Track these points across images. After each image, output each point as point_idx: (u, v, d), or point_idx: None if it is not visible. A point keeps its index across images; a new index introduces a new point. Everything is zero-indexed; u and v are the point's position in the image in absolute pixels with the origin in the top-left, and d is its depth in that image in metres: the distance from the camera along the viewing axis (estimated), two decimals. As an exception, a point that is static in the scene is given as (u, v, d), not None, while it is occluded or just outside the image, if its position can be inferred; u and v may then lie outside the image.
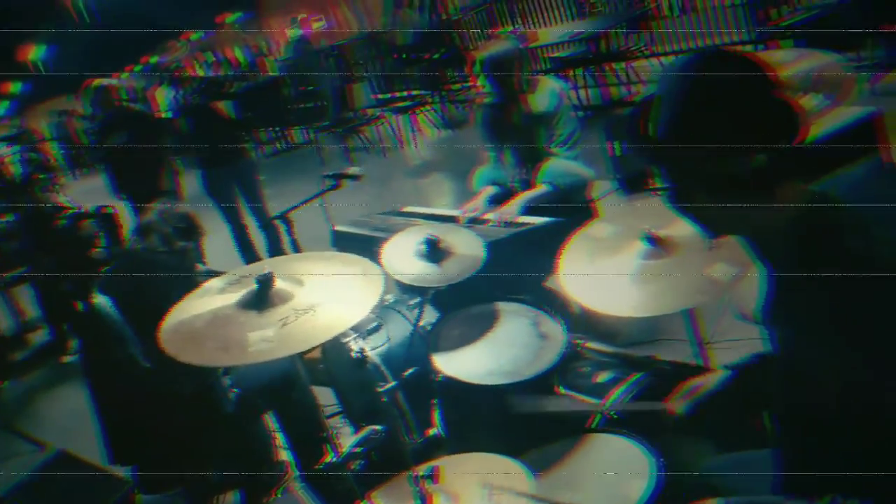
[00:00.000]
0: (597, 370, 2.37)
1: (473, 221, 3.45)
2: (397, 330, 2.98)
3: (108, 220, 6.82)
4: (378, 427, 2.39)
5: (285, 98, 12.08)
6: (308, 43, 11.95)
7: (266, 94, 12.07)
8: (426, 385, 2.45)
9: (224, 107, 6.25)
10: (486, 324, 2.38)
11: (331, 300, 1.87)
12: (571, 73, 8.56)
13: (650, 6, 8.44)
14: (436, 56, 10.24)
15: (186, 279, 2.99)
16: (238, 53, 21.70)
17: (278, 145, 12.60)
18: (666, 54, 8.38)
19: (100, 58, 18.02)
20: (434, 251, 2.51)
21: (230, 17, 21.43)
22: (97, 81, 6.34)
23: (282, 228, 3.53)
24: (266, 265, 2.01)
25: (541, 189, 3.43)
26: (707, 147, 1.25)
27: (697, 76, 1.30)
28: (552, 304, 2.45)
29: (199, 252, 3.15)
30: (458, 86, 10.36)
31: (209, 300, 1.94)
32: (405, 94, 10.54)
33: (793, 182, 1.29)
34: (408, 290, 3.10)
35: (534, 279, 2.82)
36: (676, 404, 1.66)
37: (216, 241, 6.92)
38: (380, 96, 11.01)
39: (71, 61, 15.64)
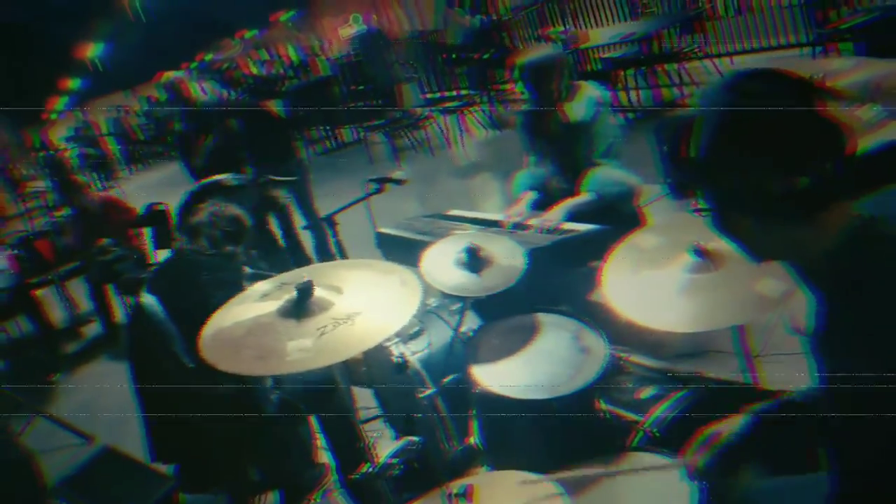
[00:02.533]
0: (640, 385, 2.31)
1: (518, 227, 3.42)
2: (439, 335, 2.96)
3: (159, 216, 6.98)
4: (415, 438, 2.37)
5: (336, 97, 12.17)
6: (374, 37, 11.99)
7: (317, 92, 12.18)
8: (465, 394, 2.42)
9: (274, 106, 6.31)
10: (525, 335, 2.34)
11: (369, 309, 1.86)
12: (622, 74, 8.46)
13: (705, 7, 8.28)
14: (485, 56, 10.21)
15: (232, 282, 3.03)
16: (291, 52, 22.00)
17: (328, 144, 12.70)
18: (720, 56, 8.22)
19: (155, 55, 18.41)
20: (474, 260, 2.48)
21: (284, 16, 21.72)
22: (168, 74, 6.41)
23: (328, 230, 3.58)
24: (306, 273, 2.00)
25: (585, 197, 3.38)
26: (747, 169, 1.21)
27: (738, 95, 1.26)
28: (594, 315, 2.41)
29: (247, 255, 3.17)
30: (506, 86, 10.31)
31: (250, 307, 1.95)
32: (454, 94, 10.53)
33: (840, 204, 1.24)
34: (450, 295, 3.08)
35: (576, 289, 2.77)
36: (695, 458, 1.60)
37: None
38: (429, 96, 11.02)
39: (127, 59, 15.99)
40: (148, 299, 2.93)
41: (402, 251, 3.69)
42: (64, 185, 7.02)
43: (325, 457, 3.37)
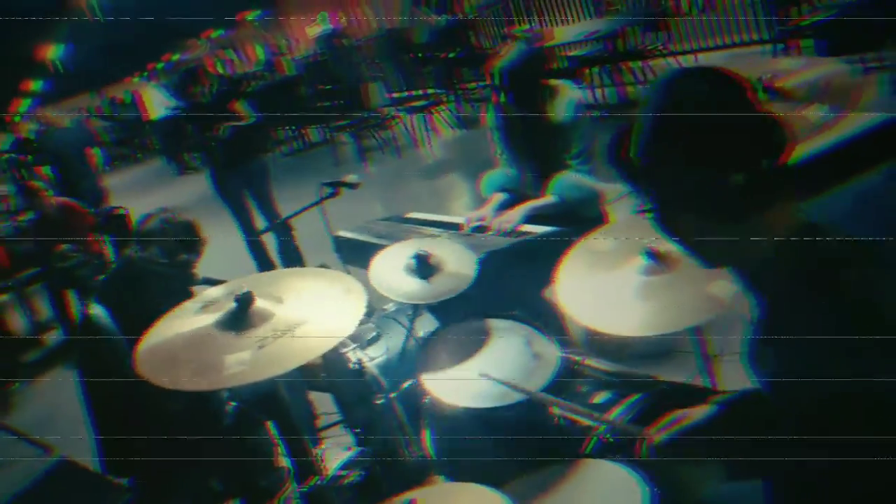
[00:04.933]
0: (594, 390, 2.29)
1: (478, 230, 3.38)
2: (396, 340, 2.92)
3: (118, 221, 6.86)
4: (366, 449, 2.33)
5: (303, 96, 12.06)
6: (340, 37, 11.88)
7: (283, 92, 12.07)
8: (418, 402, 2.38)
9: (240, 107, 6.20)
10: (476, 342, 2.30)
11: (311, 320, 1.81)
12: (588, 71, 8.46)
13: (668, 4, 8.30)
14: (451, 55, 10.18)
15: (184, 291, 2.96)
16: (259, 51, 21.77)
17: (295, 144, 12.60)
18: (684, 53, 8.25)
19: (119, 56, 18.13)
20: (423, 267, 2.43)
21: (250, 15, 21.47)
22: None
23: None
24: (246, 282, 1.94)
25: (547, 199, 3.34)
26: (682, 167, 1.19)
27: (674, 94, 1.25)
28: (549, 319, 2.38)
29: (196, 261, 3.10)
30: (473, 85, 10.27)
31: (188, 319, 1.88)
32: (420, 93, 10.47)
33: (781, 207, 1.21)
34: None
35: (531, 292, 2.74)
36: (657, 433, 1.58)
37: (228, 245, 6.94)
38: (395, 95, 10.95)
39: (89, 60, 15.73)
40: (96, 310, 2.85)
41: (360, 255, 3.64)
42: (23, 189, 6.89)
43: (284, 462, 3.31)
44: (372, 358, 2.83)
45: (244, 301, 1.82)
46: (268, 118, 11.21)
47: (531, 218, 3.27)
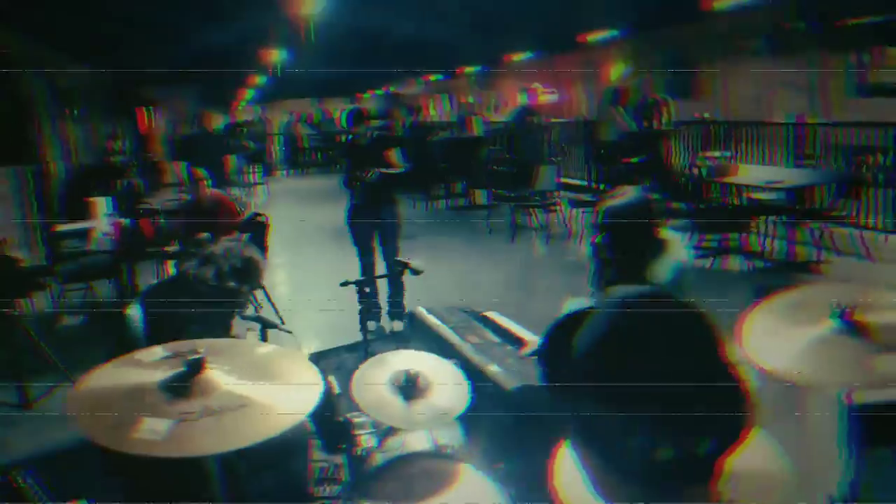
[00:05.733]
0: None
1: (535, 355, 3.17)
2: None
3: (258, 227, 7.18)
4: None
5: (480, 159, 12.23)
6: (530, 113, 12.02)
7: (464, 150, 12.31)
8: None
9: (394, 155, 6.33)
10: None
11: (249, 406, 1.71)
12: (763, 219, 7.98)
13: (866, 175, 7.69)
14: (633, 160, 9.93)
15: (218, 321, 2.98)
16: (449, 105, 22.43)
17: (460, 202, 12.77)
18: (868, 228, 7.59)
19: (343, 75, 19.32)
20: (409, 387, 2.27)
21: (469, 69, 22.23)
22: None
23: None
24: (207, 347, 1.87)
25: None
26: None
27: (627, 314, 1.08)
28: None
29: (251, 297, 3.11)
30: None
31: (148, 368, 1.83)
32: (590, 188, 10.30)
33: None
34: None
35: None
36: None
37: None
38: (563, 180, 10.83)
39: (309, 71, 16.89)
40: (134, 311, 2.92)
41: (427, 337, 3.56)
42: (189, 175, 7.35)
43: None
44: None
45: (193, 367, 1.75)
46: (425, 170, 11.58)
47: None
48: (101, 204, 7.88)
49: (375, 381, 2.30)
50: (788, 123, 9.66)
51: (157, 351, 1.89)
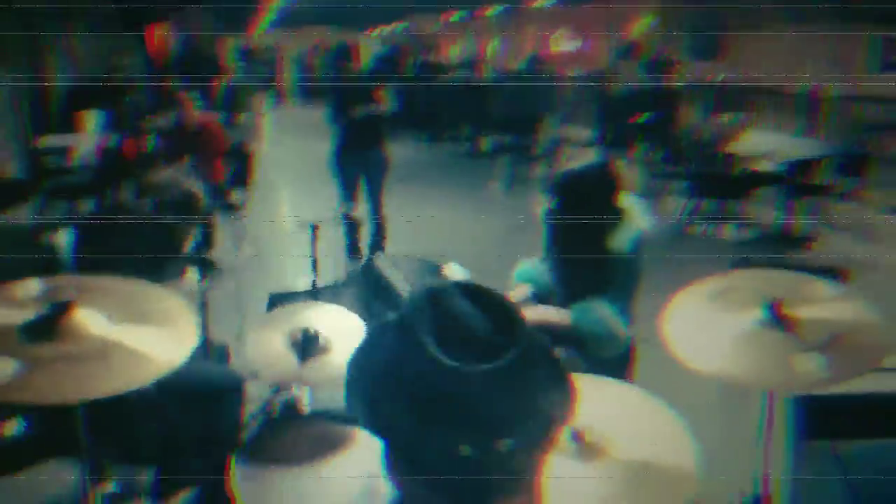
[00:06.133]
0: None
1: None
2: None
3: (243, 157, 7.03)
4: None
5: (488, 106, 11.93)
6: (540, 62, 11.67)
7: (471, 96, 12.02)
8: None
9: (384, 93, 6.12)
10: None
11: (116, 355, 1.60)
12: (757, 191, 7.76)
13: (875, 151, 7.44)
14: (641, 119, 9.64)
15: (152, 255, 2.86)
16: (491, 48, 21.94)
17: (465, 147, 12.55)
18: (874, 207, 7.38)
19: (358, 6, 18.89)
20: (307, 346, 2.14)
21: (491, 10, 21.69)
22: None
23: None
24: (85, 286, 1.74)
25: (563, 319, 2.94)
26: None
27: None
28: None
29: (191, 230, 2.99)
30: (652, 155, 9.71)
31: (11, 307, 1.70)
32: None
33: None
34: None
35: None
36: None
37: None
38: (563, 135, 10.57)
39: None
40: (63, 237, 2.80)
41: (377, 286, 3.44)
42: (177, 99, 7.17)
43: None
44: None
45: (57, 309, 1.63)
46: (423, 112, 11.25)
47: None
48: (91, 118, 7.70)
49: (270, 338, 2.16)
50: (804, 93, 9.36)
51: (35, 285, 1.77)
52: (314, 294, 3.45)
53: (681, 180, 7.98)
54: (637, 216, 3.00)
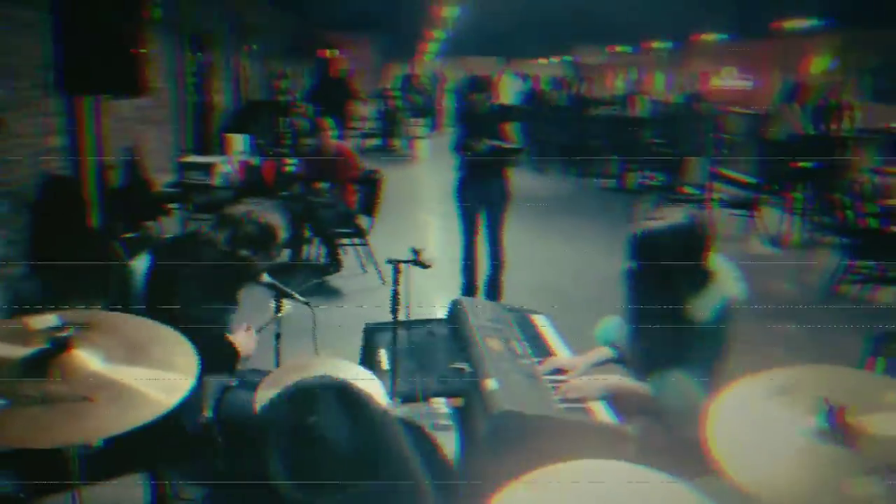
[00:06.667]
0: None
1: (553, 376, 2.85)
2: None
3: (372, 182, 7.12)
4: None
5: (640, 141, 11.55)
6: (698, 99, 11.14)
7: (621, 129, 11.69)
8: None
9: (510, 129, 6.00)
10: None
11: (108, 402, 1.55)
12: None
13: None
14: (804, 165, 8.92)
15: (221, 288, 2.86)
16: (658, 80, 21.37)
17: (611, 183, 12.20)
18: None
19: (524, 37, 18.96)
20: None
21: (658, 43, 21.13)
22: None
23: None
24: (85, 321, 1.71)
25: (642, 391, 2.69)
26: None
27: None
28: None
29: (263, 266, 2.98)
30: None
31: (19, 340, 1.70)
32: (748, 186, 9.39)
33: None
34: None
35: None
36: None
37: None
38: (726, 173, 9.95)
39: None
40: (139, 262, 2.86)
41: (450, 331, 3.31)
42: (313, 124, 7.41)
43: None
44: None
45: (57, 345, 1.61)
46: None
47: (610, 399, 2.66)
48: (237, 141, 8.13)
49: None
50: None
51: (50, 318, 1.78)
52: (408, 326, 3.39)
53: (836, 234, 7.31)
54: (728, 281, 2.70)
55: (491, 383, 2.61)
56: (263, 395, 2.14)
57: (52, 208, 5.94)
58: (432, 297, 5.63)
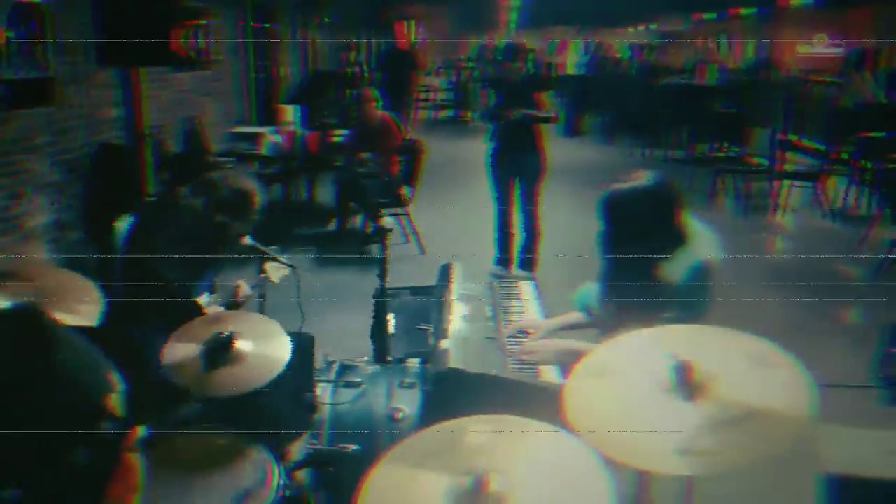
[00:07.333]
0: None
1: (517, 335, 2.89)
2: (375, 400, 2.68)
3: (414, 151, 7.18)
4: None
5: (708, 111, 11.18)
6: (767, 66, 10.72)
7: (691, 98, 11.33)
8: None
9: (545, 98, 5.97)
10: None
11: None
12: None
13: None
14: (873, 135, 8.51)
15: (199, 250, 2.96)
16: (749, 48, 20.50)
17: (678, 153, 11.86)
18: None
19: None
20: (215, 353, 2.09)
21: (745, 10, 20.24)
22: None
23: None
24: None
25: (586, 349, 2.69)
26: None
27: None
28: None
29: (243, 228, 3.05)
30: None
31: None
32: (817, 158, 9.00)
33: None
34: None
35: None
36: None
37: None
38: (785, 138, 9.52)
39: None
40: (121, 224, 3.00)
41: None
42: (359, 95, 7.49)
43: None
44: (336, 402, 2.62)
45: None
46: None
47: (564, 368, 2.68)
48: (288, 112, 8.31)
49: (189, 342, 2.15)
50: None
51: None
52: (416, 292, 3.49)
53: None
54: (703, 244, 2.66)
55: (444, 343, 2.66)
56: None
57: (107, 176, 6.25)
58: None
